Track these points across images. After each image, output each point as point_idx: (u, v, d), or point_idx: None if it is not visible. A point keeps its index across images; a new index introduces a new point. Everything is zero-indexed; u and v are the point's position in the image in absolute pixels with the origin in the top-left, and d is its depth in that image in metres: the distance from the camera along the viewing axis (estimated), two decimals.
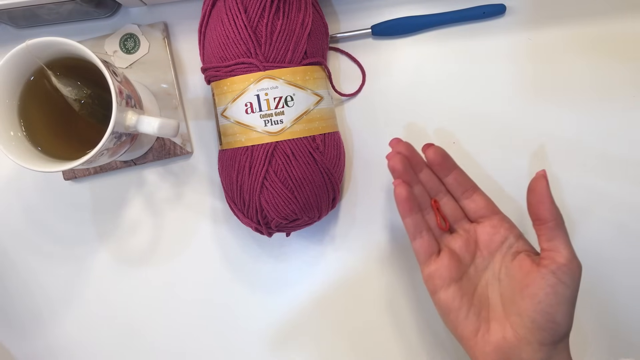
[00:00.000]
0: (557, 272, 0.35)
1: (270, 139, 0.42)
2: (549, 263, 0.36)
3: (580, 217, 0.48)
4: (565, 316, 0.35)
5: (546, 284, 0.35)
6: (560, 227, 0.37)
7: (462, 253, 0.40)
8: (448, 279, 0.39)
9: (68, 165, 0.39)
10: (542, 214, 0.37)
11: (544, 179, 0.38)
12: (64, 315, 0.51)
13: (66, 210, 0.51)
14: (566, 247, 0.36)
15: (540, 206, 0.37)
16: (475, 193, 0.41)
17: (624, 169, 0.48)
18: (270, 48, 0.42)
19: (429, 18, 0.49)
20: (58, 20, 0.50)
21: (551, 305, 0.35)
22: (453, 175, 0.41)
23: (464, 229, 0.41)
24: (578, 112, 0.48)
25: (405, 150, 0.40)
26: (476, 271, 0.40)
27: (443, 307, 0.39)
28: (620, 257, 0.48)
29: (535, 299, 0.36)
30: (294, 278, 0.50)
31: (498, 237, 0.40)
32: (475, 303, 0.39)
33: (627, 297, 0.48)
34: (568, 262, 0.36)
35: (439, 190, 0.42)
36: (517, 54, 0.49)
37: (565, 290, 0.35)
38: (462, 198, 0.41)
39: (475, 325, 0.38)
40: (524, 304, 0.36)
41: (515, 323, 0.36)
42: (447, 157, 0.41)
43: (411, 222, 0.40)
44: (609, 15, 0.48)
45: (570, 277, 0.35)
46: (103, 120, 0.40)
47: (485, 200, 0.41)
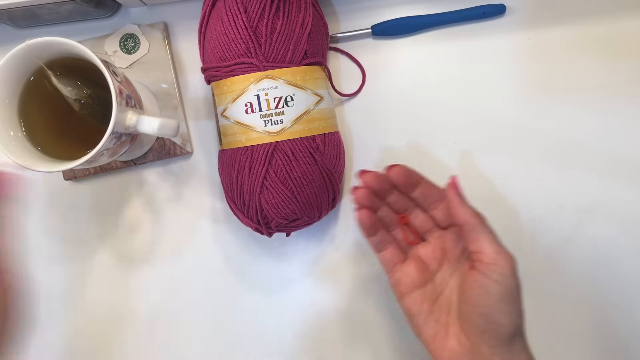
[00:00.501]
0: (485, 272, 0.35)
1: (270, 139, 0.42)
2: (478, 264, 0.36)
3: (582, 217, 0.48)
4: (504, 315, 0.35)
5: (477, 285, 0.36)
6: (479, 226, 0.37)
7: (429, 260, 0.41)
8: (411, 285, 0.40)
9: (68, 165, 0.39)
10: (456, 218, 0.37)
11: (453, 186, 0.38)
12: (64, 315, 0.51)
13: (66, 210, 0.51)
14: (490, 244, 0.36)
15: (452, 211, 0.38)
16: (443, 202, 0.41)
17: (627, 168, 0.48)
18: (270, 48, 0.42)
19: (429, 18, 0.49)
20: (58, 20, 0.50)
21: (487, 306, 0.35)
22: (419, 189, 0.41)
23: (434, 237, 0.42)
24: (578, 112, 0.48)
25: (371, 181, 0.40)
26: (443, 278, 0.40)
27: (406, 312, 0.40)
28: (623, 257, 0.48)
29: (472, 303, 0.36)
30: (294, 278, 0.50)
31: (460, 243, 0.40)
32: (436, 309, 0.39)
33: (629, 297, 0.48)
34: (493, 260, 0.35)
35: (407, 207, 0.42)
36: (517, 54, 0.49)
37: (497, 287, 0.35)
38: (430, 209, 0.41)
39: (433, 330, 0.39)
40: (465, 310, 0.37)
41: (466, 328, 0.37)
42: (412, 174, 0.41)
43: (374, 241, 0.41)
44: (610, 15, 0.48)
45: (499, 273, 0.35)
46: (103, 120, 0.40)
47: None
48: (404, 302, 0.40)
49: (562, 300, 0.48)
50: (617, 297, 0.48)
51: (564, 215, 0.48)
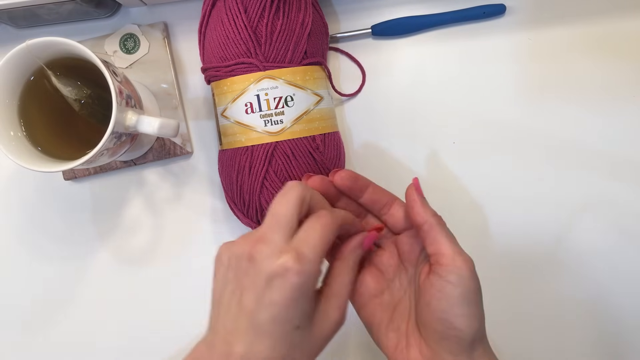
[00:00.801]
0: (442, 274, 0.34)
1: (270, 139, 0.42)
2: (436, 267, 0.34)
3: (582, 217, 0.48)
4: (464, 319, 0.33)
5: (436, 289, 0.34)
6: (437, 227, 0.35)
7: (385, 267, 0.39)
8: (367, 295, 0.38)
9: (68, 165, 0.39)
10: (413, 218, 0.36)
11: (413, 188, 0.37)
12: (63, 315, 0.51)
13: (66, 210, 0.51)
14: (447, 246, 0.34)
15: (411, 212, 0.36)
16: (393, 206, 0.40)
17: (627, 168, 0.48)
18: (270, 48, 0.42)
19: (429, 18, 0.49)
20: (58, 20, 0.50)
21: (445, 311, 0.34)
22: (367, 194, 0.39)
23: (389, 243, 0.40)
24: (578, 112, 0.48)
25: (316, 186, 0.39)
26: (400, 284, 0.39)
27: (365, 322, 0.39)
28: (624, 257, 0.48)
29: (430, 307, 0.34)
30: None
31: (417, 248, 0.38)
32: (395, 317, 0.38)
33: (629, 297, 0.48)
34: (450, 261, 0.34)
35: (358, 212, 0.40)
36: (517, 54, 0.49)
37: (454, 290, 0.33)
38: (381, 214, 0.40)
39: (394, 341, 0.37)
40: (424, 316, 0.35)
41: (425, 336, 0.35)
42: (357, 179, 0.39)
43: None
44: (609, 15, 0.48)
45: (456, 275, 0.33)
46: (103, 120, 0.40)
47: (403, 212, 0.39)
48: (362, 313, 0.39)
49: (562, 300, 0.48)
50: (617, 296, 0.48)
51: (564, 214, 0.48)
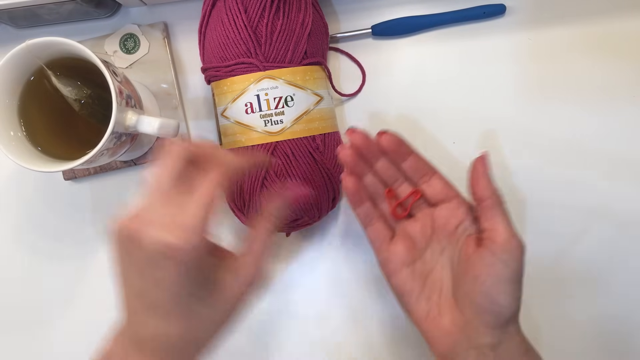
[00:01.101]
0: (495, 252, 0.35)
1: (270, 139, 0.42)
2: (489, 243, 0.35)
3: (582, 216, 0.48)
4: (507, 297, 0.35)
5: (485, 264, 0.35)
6: (498, 205, 0.36)
7: (417, 237, 0.40)
8: (400, 263, 0.39)
9: (68, 165, 0.39)
10: (478, 191, 0.37)
11: (483, 160, 0.38)
12: (63, 315, 0.51)
13: (66, 210, 0.51)
14: (504, 225, 0.36)
15: (476, 184, 0.37)
16: (433, 177, 0.40)
17: (626, 168, 0.48)
18: (270, 48, 0.42)
19: (429, 18, 0.49)
20: (58, 20, 0.50)
21: (491, 286, 0.35)
22: (409, 161, 0.40)
23: (423, 213, 0.41)
24: (578, 112, 0.48)
25: (360, 141, 0.39)
26: (432, 255, 0.40)
27: (396, 291, 0.39)
28: (624, 257, 0.48)
29: (476, 281, 0.35)
30: (294, 278, 0.50)
31: (454, 220, 0.39)
32: (427, 287, 0.39)
33: (628, 296, 0.48)
34: (506, 240, 0.35)
35: (396, 178, 0.41)
36: (517, 54, 0.49)
37: (505, 269, 0.35)
38: (420, 183, 0.40)
39: (425, 309, 0.38)
40: (467, 287, 0.36)
41: (464, 306, 0.36)
42: (402, 144, 0.39)
43: (361, 212, 0.40)
44: (610, 15, 0.48)
45: (509, 255, 0.35)
46: (103, 120, 0.40)
47: (443, 184, 0.40)
48: (393, 280, 0.39)
49: (562, 300, 0.48)
50: (617, 296, 0.48)
51: (563, 214, 0.48)
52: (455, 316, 0.37)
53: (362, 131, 0.39)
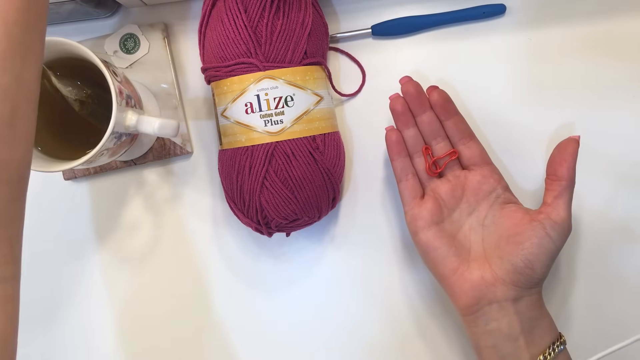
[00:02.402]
0: (547, 227, 0.38)
1: (270, 139, 0.42)
2: (544, 218, 0.39)
3: (582, 216, 0.48)
4: (543, 266, 0.38)
5: (534, 234, 0.38)
6: (570, 189, 0.39)
7: (447, 197, 0.42)
8: (429, 221, 0.41)
9: (68, 165, 0.39)
10: (561, 171, 0.39)
11: (576, 143, 0.40)
12: (63, 315, 0.51)
13: (66, 210, 0.51)
14: (566, 208, 0.39)
15: (563, 163, 0.39)
16: (472, 141, 0.43)
17: (626, 168, 0.48)
18: (270, 48, 0.42)
19: (429, 18, 0.49)
20: (58, 20, 0.50)
21: (533, 254, 0.38)
22: (453, 120, 0.42)
23: (454, 175, 0.43)
24: (578, 112, 0.48)
25: (413, 89, 0.42)
26: (460, 215, 0.43)
27: (423, 247, 0.42)
28: (624, 257, 0.48)
29: (520, 246, 0.39)
30: (294, 278, 0.50)
31: (487, 186, 0.42)
32: (455, 244, 0.41)
33: (629, 296, 0.48)
34: (562, 221, 0.38)
35: (437, 134, 0.43)
36: (517, 54, 0.49)
37: (550, 244, 0.38)
38: (458, 143, 0.43)
39: (454, 264, 0.41)
40: (508, 248, 0.39)
41: (495, 265, 0.39)
42: (450, 102, 0.42)
43: (399, 164, 0.43)
44: (610, 15, 0.48)
45: (558, 234, 0.38)
46: (103, 120, 0.40)
47: (480, 150, 0.43)
48: (421, 236, 0.41)
49: (561, 300, 0.48)
50: (617, 296, 0.48)
51: None
52: (485, 272, 0.40)
53: (416, 82, 0.42)
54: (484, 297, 0.39)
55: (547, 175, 0.41)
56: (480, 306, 0.39)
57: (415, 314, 0.49)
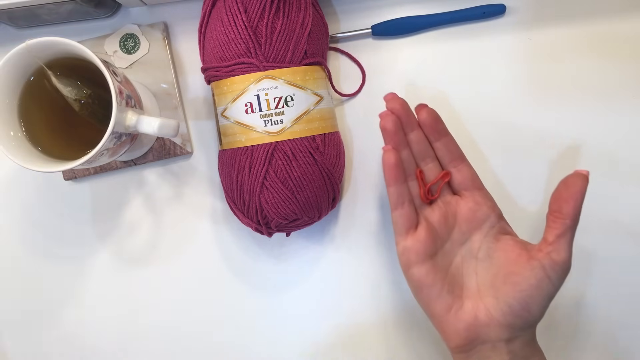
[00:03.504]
0: (547, 268, 0.35)
1: (270, 139, 0.42)
2: (544, 257, 0.36)
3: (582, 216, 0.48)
4: (540, 309, 0.36)
5: (533, 276, 0.36)
6: (573, 228, 0.36)
7: (439, 226, 0.39)
8: (423, 255, 0.38)
9: (68, 165, 0.39)
10: (567, 209, 0.36)
11: (584, 179, 0.37)
12: (63, 315, 0.51)
13: (66, 210, 0.51)
14: (568, 248, 0.36)
15: (569, 201, 0.36)
16: (463, 164, 0.40)
17: (626, 168, 0.48)
18: (270, 48, 0.42)
19: (429, 18, 0.49)
20: (58, 20, 0.50)
21: (531, 296, 0.36)
22: (443, 140, 0.40)
23: (445, 201, 0.40)
24: (578, 112, 0.48)
25: (400, 107, 0.39)
26: (452, 246, 0.39)
27: (416, 283, 0.38)
28: (624, 257, 0.48)
29: (517, 287, 0.36)
30: (294, 278, 0.50)
31: (480, 214, 0.39)
32: (449, 280, 0.38)
33: (629, 296, 0.48)
34: (563, 262, 0.35)
35: (426, 155, 0.40)
36: (517, 54, 0.49)
37: (549, 286, 0.36)
38: (449, 166, 0.40)
39: (448, 303, 0.38)
40: (504, 288, 0.37)
41: (490, 304, 0.37)
42: (439, 121, 0.39)
43: (395, 191, 0.39)
44: (610, 15, 0.48)
45: (558, 275, 0.36)
46: (103, 120, 0.40)
47: (472, 173, 0.40)
48: (414, 271, 0.38)
49: (561, 299, 0.48)
50: (617, 296, 0.48)
51: None
52: (479, 312, 0.37)
53: (400, 99, 0.39)
54: (477, 338, 0.37)
55: (550, 211, 0.37)
56: (472, 346, 0.37)
57: (415, 314, 0.49)
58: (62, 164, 0.40)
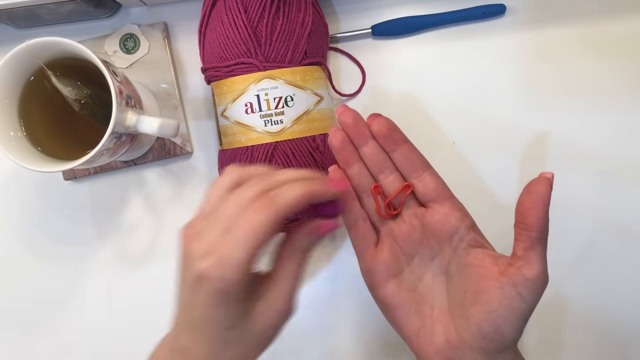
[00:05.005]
0: (518, 286, 0.32)
1: (270, 139, 0.42)
2: (514, 273, 0.32)
3: (582, 216, 0.48)
4: (514, 329, 0.32)
5: (503, 295, 0.32)
6: (542, 240, 0.32)
7: (405, 242, 0.36)
8: (386, 274, 0.36)
9: (68, 165, 0.39)
10: (530, 219, 0.32)
11: (547, 183, 0.33)
12: (63, 315, 0.51)
13: (66, 210, 0.51)
14: (539, 261, 0.32)
15: (532, 211, 0.32)
16: (426, 173, 0.36)
17: (626, 168, 0.48)
18: (270, 48, 0.42)
19: (429, 18, 0.49)
20: (58, 20, 0.50)
21: (502, 317, 0.32)
22: (401, 150, 0.36)
23: (411, 214, 0.37)
24: (578, 112, 0.48)
25: (351, 120, 0.36)
26: (422, 261, 0.36)
27: (382, 304, 0.36)
28: (624, 257, 0.48)
29: (486, 308, 0.32)
30: None
31: (448, 227, 0.35)
32: (417, 300, 0.36)
33: (627, 298, 0.48)
34: (535, 277, 0.32)
35: (384, 167, 0.37)
36: (517, 54, 0.49)
37: (522, 304, 0.32)
38: (410, 177, 0.36)
39: (416, 325, 0.35)
40: (473, 309, 0.33)
41: (460, 327, 0.34)
42: (395, 130, 0.36)
43: (348, 215, 0.37)
44: (609, 15, 0.48)
45: (531, 293, 0.32)
46: (103, 120, 0.40)
47: (436, 182, 0.36)
48: (379, 292, 0.36)
49: (560, 300, 0.48)
50: (616, 296, 0.48)
51: (563, 214, 0.48)
52: (450, 334, 0.34)
53: (353, 110, 0.36)
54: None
55: (515, 222, 0.33)
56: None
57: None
58: (62, 164, 0.40)
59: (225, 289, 0.29)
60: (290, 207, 0.30)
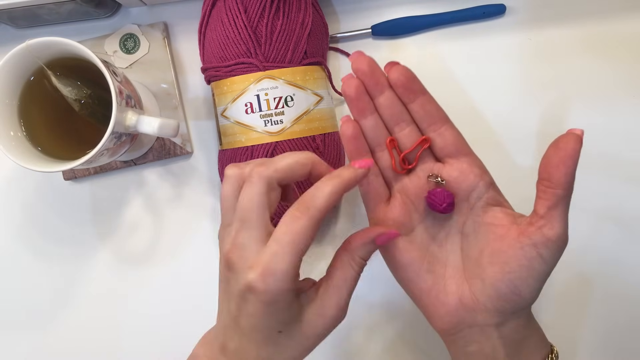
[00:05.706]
0: (539, 246, 0.31)
1: (270, 139, 0.42)
2: (535, 233, 0.31)
3: (582, 217, 0.48)
4: (532, 291, 0.32)
5: (523, 256, 0.31)
6: (567, 199, 0.31)
7: (418, 199, 0.35)
8: (397, 230, 0.34)
9: (68, 165, 0.40)
10: (557, 176, 0.30)
11: (577, 140, 0.31)
12: (63, 315, 0.51)
13: (66, 210, 0.51)
14: (562, 221, 0.31)
15: (560, 167, 0.30)
16: (445, 126, 0.34)
17: (626, 168, 0.48)
18: (270, 48, 0.42)
19: (429, 18, 0.49)
20: (58, 20, 0.50)
21: (521, 278, 0.31)
22: (420, 101, 0.34)
23: (426, 169, 0.35)
24: (578, 112, 0.48)
25: (366, 67, 0.33)
26: (434, 220, 0.35)
27: (391, 263, 0.35)
28: (624, 257, 0.48)
29: (504, 268, 0.32)
30: None
31: (466, 183, 0.34)
32: (429, 258, 0.35)
33: (629, 296, 0.48)
34: (557, 238, 0.31)
35: (400, 119, 0.34)
36: (517, 54, 0.49)
37: (542, 266, 0.31)
38: (428, 130, 0.34)
39: (428, 284, 0.34)
40: (491, 270, 0.32)
41: (476, 287, 0.33)
42: (414, 80, 0.34)
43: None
44: (609, 15, 0.48)
45: (552, 254, 0.31)
46: (103, 120, 0.40)
47: (455, 137, 0.34)
48: (389, 250, 0.35)
49: (561, 299, 0.48)
50: (616, 297, 0.48)
51: None
52: (464, 294, 0.33)
53: (369, 57, 0.34)
54: (462, 322, 0.33)
55: (539, 179, 0.32)
56: (458, 329, 0.34)
57: (416, 313, 0.49)
58: (62, 164, 0.40)
59: (272, 299, 0.29)
60: (325, 208, 0.29)
